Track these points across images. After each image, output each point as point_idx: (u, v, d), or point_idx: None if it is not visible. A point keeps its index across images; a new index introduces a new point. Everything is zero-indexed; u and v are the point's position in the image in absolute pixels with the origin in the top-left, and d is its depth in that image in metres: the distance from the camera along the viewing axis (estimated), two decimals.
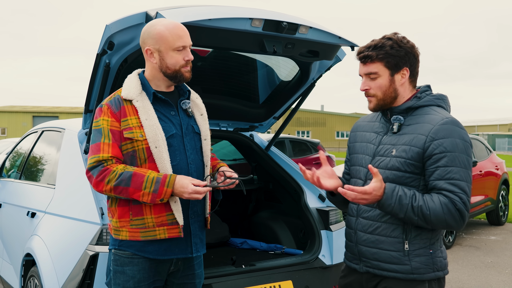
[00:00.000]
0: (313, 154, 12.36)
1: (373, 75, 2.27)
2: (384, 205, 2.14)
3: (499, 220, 9.43)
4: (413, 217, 2.13)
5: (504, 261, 6.86)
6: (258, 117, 4.18)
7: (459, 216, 2.12)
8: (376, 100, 2.30)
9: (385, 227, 2.24)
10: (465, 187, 2.13)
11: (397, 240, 2.22)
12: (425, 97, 2.30)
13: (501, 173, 9.47)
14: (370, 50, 2.26)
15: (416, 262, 2.21)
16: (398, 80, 2.28)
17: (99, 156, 2.29)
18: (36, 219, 3.49)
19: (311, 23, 3.02)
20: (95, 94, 3.22)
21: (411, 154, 2.19)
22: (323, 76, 3.78)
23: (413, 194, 2.15)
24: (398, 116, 2.30)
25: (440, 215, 2.11)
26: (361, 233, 2.31)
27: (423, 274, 2.21)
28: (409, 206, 2.12)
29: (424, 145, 2.18)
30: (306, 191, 3.82)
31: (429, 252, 2.22)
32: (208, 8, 2.84)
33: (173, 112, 2.46)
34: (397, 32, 2.32)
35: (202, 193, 2.26)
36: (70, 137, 3.60)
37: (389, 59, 2.24)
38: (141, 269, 2.36)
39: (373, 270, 2.28)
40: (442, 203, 2.11)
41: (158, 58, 2.37)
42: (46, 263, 3.07)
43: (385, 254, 2.23)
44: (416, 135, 2.21)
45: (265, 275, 3.25)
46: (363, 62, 2.29)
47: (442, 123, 2.18)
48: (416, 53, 2.30)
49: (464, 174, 2.14)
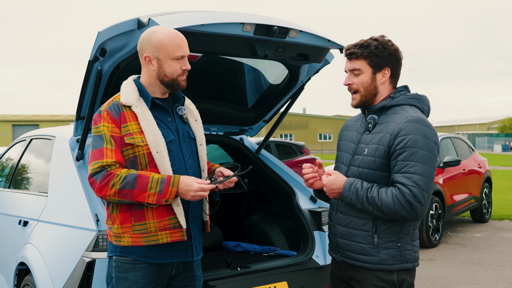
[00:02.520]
0: (298, 157, 12.43)
1: (357, 71, 2.43)
2: (343, 197, 2.35)
3: (483, 217, 9.59)
4: (368, 207, 2.30)
5: (489, 257, 6.99)
6: (248, 121, 4.22)
7: (409, 207, 2.24)
8: (359, 97, 2.45)
9: (357, 222, 2.41)
10: (419, 180, 2.24)
11: (367, 234, 2.39)
12: (398, 97, 2.45)
13: (483, 171, 9.63)
14: (356, 48, 2.43)
15: (384, 254, 2.37)
16: (379, 79, 2.44)
17: (102, 162, 2.29)
18: (29, 227, 3.47)
19: (301, 27, 3.07)
20: (87, 101, 3.22)
21: (378, 153, 2.34)
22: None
23: (370, 186, 2.32)
24: (373, 116, 2.45)
25: (391, 206, 2.25)
26: (338, 226, 2.49)
27: (391, 265, 2.37)
28: (364, 197, 2.29)
29: (389, 143, 2.32)
30: (298, 193, 3.86)
31: (397, 245, 2.37)
32: (200, 14, 2.88)
33: (170, 118, 2.49)
34: (384, 35, 2.48)
35: (207, 191, 2.31)
36: (61, 145, 3.59)
37: (372, 58, 2.40)
38: (144, 274, 2.37)
39: (347, 260, 2.46)
40: (393, 195, 2.25)
41: (156, 66, 2.40)
42: (41, 271, 3.06)
43: (357, 246, 2.41)
44: (384, 134, 2.36)
45: (260, 277, 3.28)
46: (349, 58, 2.45)
47: (405, 121, 2.32)
48: (399, 56, 2.46)
49: (421, 168, 2.25)
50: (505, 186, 16.16)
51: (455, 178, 8.41)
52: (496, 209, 10.95)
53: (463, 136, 10.53)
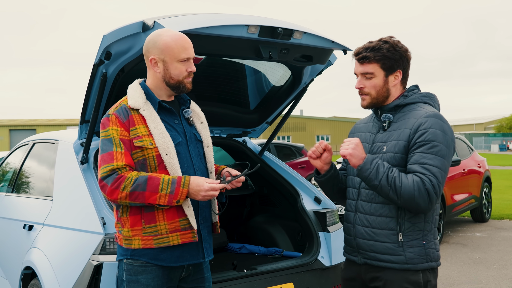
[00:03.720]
0: (298, 159, 12.45)
1: (369, 75, 2.43)
2: (362, 169, 2.31)
3: (483, 217, 9.60)
4: (386, 186, 2.27)
5: (491, 256, 7.00)
6: (251, 123, 4.22)
7: (427, 196, 2.24)
8: (370, 99, 2.46)
9: (380, 221, 2.38)
10: (437, 172, 2.25)
11: (392, 232, 2.36)
12: (412, 95, 2.46)
13: (483, 170, 9.65)
14: (368, 52, 2.42)
15: (410, 253, 2.35)
16: (391, 81, 2.44)
17: (113, 165, 2.30)
18: (34, 231, 3.46)
19: (305, 28, 3.08)
20: (92, 104, 3.23)
21: (398, 148, 2.35)
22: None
23: (391, 167, 2.30)
24: (387, 114, 2.46)
25: (410, 190, 2.23)
26: (359, 227, 2.46)
27: (417, 264, 2.34)
28: (384, 175, 2.27)
29: (408, 137, 2.33)
30: (302, 194, 3.87)
31: (422, 244, 2.36)
32: (205, 16, 2.88)
33: (177, 121, 2.50)
34: (393, 36, 2.48)
35: (217, 190, 2.32)
36: (65, 148, 3.59)
37: (385, 61, 2.40)
38: (155, 276, 2.37)
39: (370, 262, 2.42)
40: (414, 180, 2.25)
41: (162, 68, 2.41)
42: (48, 275, 3.06)
43: (381, 245, 2.38)
44: (403, 130, 2.37)
45: (266, 279, 3.29)
46: (361, 62, 2.44)
47: (425, 115, 2.35)
48: (409, 57, 2.47)
49: (438, 161, 2.26)
50: (503, 186, 16.19)
51: (455, 178, 8.43)
52: (495, 209, 10.98)
53: (461, 136, 10.55)
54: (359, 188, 2.47)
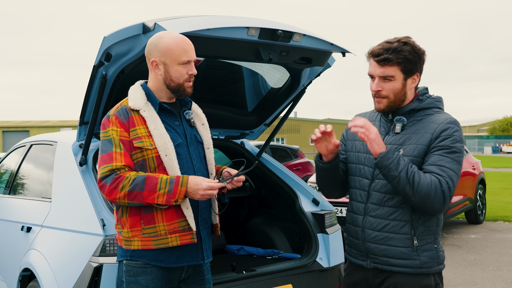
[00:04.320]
0: (293, 160, 12.46)
1: (389, 78, 2.32)
2: (385, 158, 2.23)
3: (478, 219, 9.65)
4: (404, 179, 2.21)
5: (486, 258, 7.04)
6: (249, 125, 4.23)
7: (442, 197, 2.22)
8: (387, 102, 2.37)
9: (394, 225, 2.33)
10: (453, 176, 2.25)
11: (406, 237, 2.32)
12: (426, 100, 2.42)
13: (477, 172, 9.70)
14: (389, 53, 2.29)
15: (424, 257, 2.33)
16: (409, 84, 2.37)
17: (112, 165, 2.30)
18: (32, 233, 3.45)
19: (305, 31, 3.09)
20: (91, 106, 3.22)
21: (418, 152, 2.32)
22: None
23: (411, 163, 2.26)
24: (401, 117, 2.40)
25: (428, 187, 2.20)
26: (369, 231, 2.39)
27: (430, 268, 2.34)
28: (405, 168, 2.22)
29: (429, 142, 2.31)
30: (300, 196, 3.88)
31: (434, 247, 2.36)
32: (205, 18, 2.89)
33: (177, 122, 2.50)
34: (409, 36, 2.37)
35: (216, 189, 2.31)
36: (64, 150, 3.58)
37: (406, 64, 2.31)
38: (155, 278, 2.38)
39: (381, 266, 2.37)
40: (432, 179, 2.22)
41: (163, 70, 2.41)
42: (47, 276, 3.05)
43: (395, 250, 2.33)
44: (423, 134, 2.33)
45: (265, 280, 3.30)
46: (381, 64, 2.32)
47: (446, 122, 2.34)
48: (424, 59, 2.38)
49: (454, 166, 2.27)
50: (497, 188, 16.29)
51: None
52: (489, 211, 11.04)
53: None
54: (369, 190, 2.40)
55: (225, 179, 2.44)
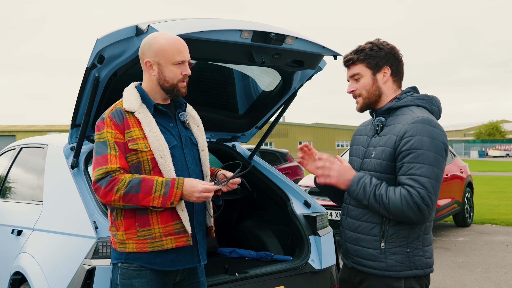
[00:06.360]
0: (282, 164, 12.49)
1: (357, 76, 2.44)
2: (350, 191, 2.31)
3: (465, 221, 9.73)
4: (375, 204, 2.25)
5: (474, 260, 7.10)
6: (241, 127, 4.24)
7: (417, 209, 2.19)
8: (362, 99, 2.45)
9: (365, 226, 2.37)
10: (426, 182, 2.19)
11: (375, 239, 2.34)
12: (405, 98, 2.42)
13: (465, 176, 9.79)
14: (352, 54, 2.45)
15: (391, 260, 2.31)
16: (380, 79, 2.42)
17: (107, 167, 2.29)
18: (23, 236, 3.43)
19: (297, 34, 3.12)
20: (83, 108, 3.21)
21: (384, 155, 2.32)
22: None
23: (379, 183, 2.27)
24: (380, 118, 2.43)
25: (398, 206, 2.20)
26: (347, 231, 2.46)
27: (399, 272, 2.30)
28: (371, 194, 2.25)
29: (394, 144, 2.29)
30: (292, 198, 3.89)
31: (406, 251, 2.31)
32: (199, 21, 2.90)
33: (172, 124, 2.50)
34: (379, 38, 2.49)
35: (211, 191, 2.31)
36: (55, 153, 3.56)
37: (369, 60, 2.41)
38: (149, 280, 2.37)
39: (356, 266, 2.42)
40: (401, 195, 2.20)
41: (157, 71, 2.41)
42: (39, 280, 3.03)
43: (365, 251, 2.37)
44: (390, 136, 2.33)
45: (258, 282, 3.31)
46: (347, 66, 2.47)
47: (411, 122, 2.27)
48: (397, 54, 2.44)
49: (427, 170, 2.20)
50: (484, 191, 16.44)
51: None
52: (477, 214, 11.14)
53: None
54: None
55: (221, 182, 2.44)
